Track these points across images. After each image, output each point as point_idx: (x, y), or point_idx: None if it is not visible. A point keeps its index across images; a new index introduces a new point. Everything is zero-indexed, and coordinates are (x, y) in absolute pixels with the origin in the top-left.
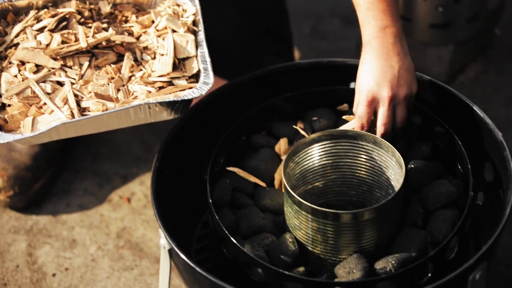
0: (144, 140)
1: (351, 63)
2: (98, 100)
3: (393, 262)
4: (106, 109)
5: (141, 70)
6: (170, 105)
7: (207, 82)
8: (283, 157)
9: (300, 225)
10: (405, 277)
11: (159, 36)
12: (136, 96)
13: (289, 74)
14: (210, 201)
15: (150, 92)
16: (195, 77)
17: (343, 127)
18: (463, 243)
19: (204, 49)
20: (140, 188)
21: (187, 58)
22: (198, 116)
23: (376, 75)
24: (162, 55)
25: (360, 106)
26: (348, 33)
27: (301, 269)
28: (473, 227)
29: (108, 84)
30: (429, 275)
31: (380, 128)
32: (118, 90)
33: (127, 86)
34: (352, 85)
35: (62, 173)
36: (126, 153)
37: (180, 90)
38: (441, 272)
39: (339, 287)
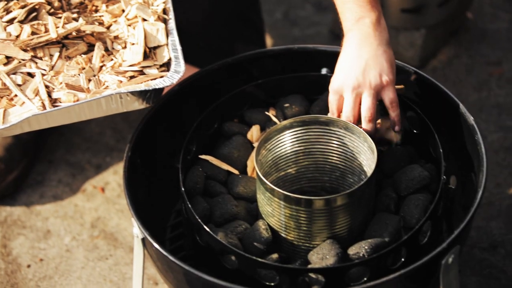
0: (117, 130)
1: (322, 49)
2: (69, 91)
3: (366, 247)
4: (78, 100)
5: (112, 60)
6: (142, 94)
7: (178, 71)
8: (256, 144)
9: (273, 212)
10: (378, 262)
11: (129, 25)
12: (107, 86)
13: (260, 61)
14: (183, 189)
15: (121, 81)
16: (166, 66)
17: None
18: (436, 227)
19: (174, 37)
20: (114, 177)
21: (158, 46)
22: (170, 105)
23: (344, 65)
24: (133, 44)
25: (329, 94)
26: (321, 19)
27: (275, 256)
28: (446, 211)
29: (79, 75)
30: (402, 259)
31: (343, 116)
32: (89, 80)
33: (98, 76)
34: (323, 71)
35: (36, 164)
36: (99, 142)
37: (151, 79)
38: (414, 257)
39: (312, 273)
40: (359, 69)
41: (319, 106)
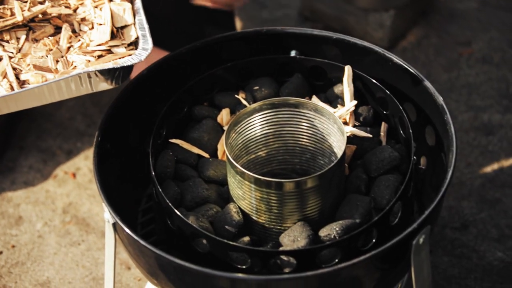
0: (88, 115)
1: (291, 32)
2: (37, 72)
3: (337, 229)
4: (46, 80)
5: (79, 40)
6: (110, 73)
7: (146, 48)
8: (226, 128)
9: (243, 195)
10: (350, 243)
11: (95, 6)
12: (75, 66)
13: (229, 44)
14: (153, 173)
15: (89, 61)
16: (134, 45)
17: None
18: (407, 208)
19: (141, 16)
20: (85, 163)
21: (125, 26)
22: (139, 89)
23: None
24: (100, 24)
25: None
26: (289, 1)
27: (246, 238)
28: (417, 191)
29: (47, 56)
30: (373, 240)
31: None
32: (57, 61)
33: (66, 57)
34: (292, 53)
35: (7, 151)
36: (70, 128)
37: (120, 58)
38: (386, 238)
39: (284, 255)
40: None
41: (288, 89)
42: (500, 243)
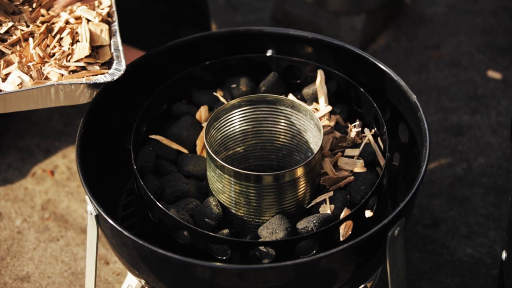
0: (65, 114)
1: (267, 31)
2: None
3: (314, 221)
4: (21, 86)
5: (59, 52)
6: (82, 88)
7: (119, 69)
8: (204, 124)
9: (223, 188)
10: (327, 235)
11: (74, 24)
12: (49, 78)
13: (207, 43)
14: (135, 167)
15: (62, 75)
16: (107, 65)
17: None
18: (381, 203)
19: (117, 39)
20: (63, 161)
21: (101, 46)
22: (119, 87)
23: None
24: (78, 41)
25: None
26: (262, 5)
27: (225, 231)
28: (390, 187)
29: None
30: (350, 233)
31: None
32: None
33: (41, 68)
34: (269, 52)
35: None
36: (48, 127)
37: (93, 75)
38: (361, 231)
39: (263, 246)
40: None
41: (265, 87)
42: (470, 239)
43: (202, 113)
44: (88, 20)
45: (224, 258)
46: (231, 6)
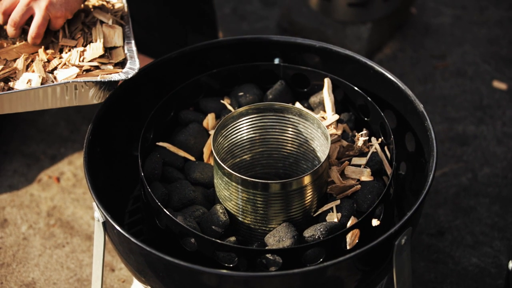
0: (71, 121)
1: (274, 40)
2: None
3: (321, 229)
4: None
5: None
6: (96, 86)
7: (133, 68)
8: (211, 132)
9: (230, 196)
10: (334, 243)
11: (87, 27)
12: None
13: (214, 51)
14: (142, 174)
15: (77, 75)
16: (121, 65)
17: None
18: (388, 212)
19: (131, 40)
20: (69, 167)
21: (114, 47)
22: (127, 94)
23: None
24: (91, 42)
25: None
26: (268, 13)
27: (232, 238)
28: (397, 196)
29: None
30: (357, 241)
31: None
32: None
33: (57, 68)
34: (276, 60)
35: None
36: (53, 133)
37: (107, 74)
38: (368, 240)
39: (270, 254)
40: None
41: (272, 95)
42: (475, 249)
43: (209, 120)
44: (102, 22)
45: (231, 265)
46: (237, 14)
